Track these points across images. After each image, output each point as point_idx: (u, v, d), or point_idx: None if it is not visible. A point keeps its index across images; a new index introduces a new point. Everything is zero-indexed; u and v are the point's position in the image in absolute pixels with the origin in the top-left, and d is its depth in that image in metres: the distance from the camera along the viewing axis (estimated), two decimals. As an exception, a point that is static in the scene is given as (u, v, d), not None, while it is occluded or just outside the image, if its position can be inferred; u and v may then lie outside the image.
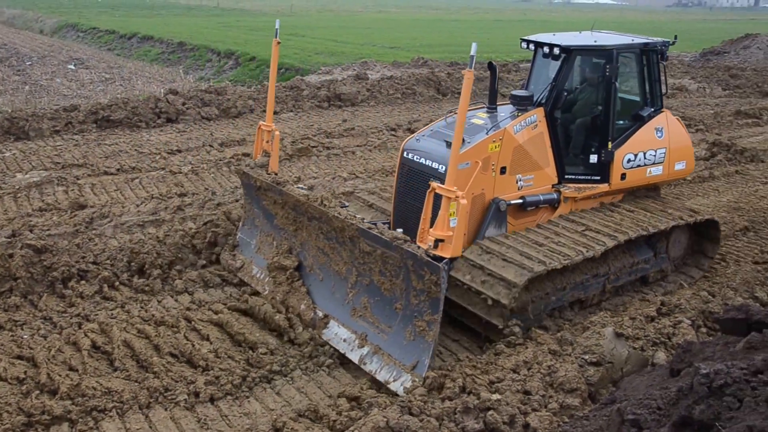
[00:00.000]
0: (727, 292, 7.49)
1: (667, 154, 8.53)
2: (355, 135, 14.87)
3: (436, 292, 5.84)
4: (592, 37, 8.33)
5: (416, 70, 23.89)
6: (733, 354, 4.71)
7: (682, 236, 8.47)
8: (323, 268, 7.16)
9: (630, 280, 7.96)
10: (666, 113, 8.64)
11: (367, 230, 6.42)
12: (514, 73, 25.30)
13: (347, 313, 6.74)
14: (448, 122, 7.68)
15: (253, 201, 8.22)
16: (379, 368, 6.18)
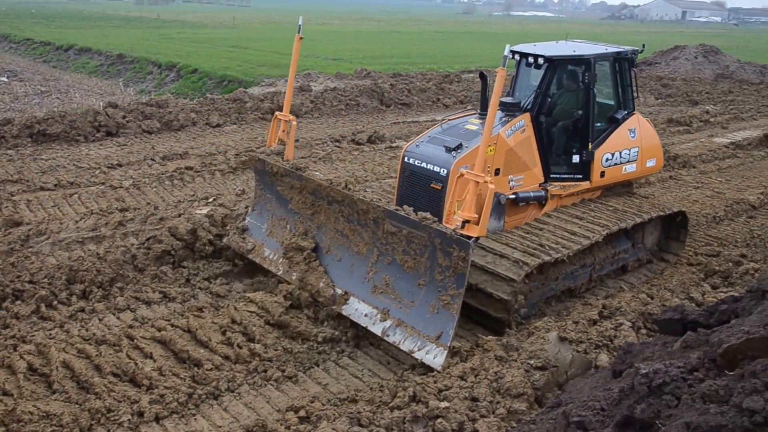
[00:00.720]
0: (665, 294, 7.75)
1: (640, 153, 9.36)
2: (299, 147, 14.82)
3: (463, 267, 6.21)
4: (570, 47, 8.99)
5: (359, 82, 23.98)
6: (671, 353, 4.86)
7: (655, 228, 9.26)
8: (342, 249, 7.48)
9: (612, 269, 8.69)
10: (637, 115, 9.45)
11: (395, 211, 6.82)
12: (456, 84, 25.64)
13: (368, 290, 7.05)
14: (444, 129, 8.32)
15: (265, 187, 8.53)
16: (403, 339, 6.52)
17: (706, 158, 15.73)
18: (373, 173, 12.93)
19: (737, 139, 17.95)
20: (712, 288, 8.17)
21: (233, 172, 12.60)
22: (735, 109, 23.66)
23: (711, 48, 38.89)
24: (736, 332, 4.37)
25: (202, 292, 7.91)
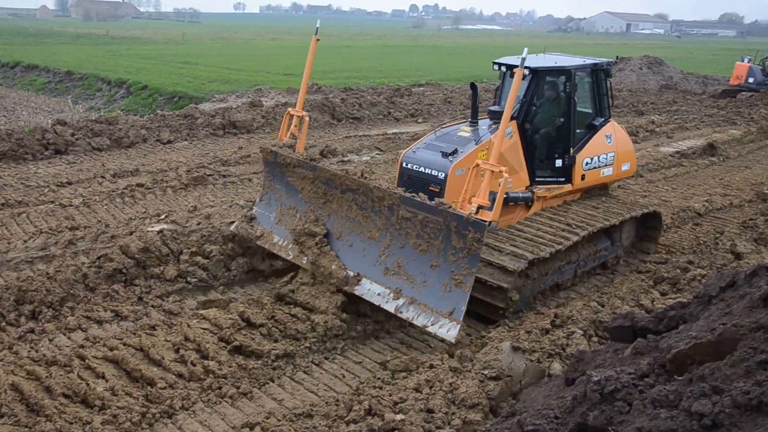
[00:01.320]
0: (615, 302, 7.90)
1: (616, 157, 10.04)
2: (251, 162, 14.75)
3: (477, 248, 6.68)
4: (551, 59, 9.60)
5: (310, 96, 23.95)
6: (622, 360, 4.96)
7: (632, 227, 9.91)
8: (353, 235, 7.87)
9: (594, 266, 9.26)
10: (612, 122, 10.11)
11: (411, 198, 7.22)
12: (407, 97, 25.85)
13: (380, 272, 7.45)
14: (438, 136, 8.90)
15: (275, 178, 8.89)
16: (416, 315, 6.92)
17: (653, 167, 16.13)
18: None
19: (682, 149, 18.46)
20: (661, 295, 8.35)
21: (185, 188, 12.46)
22: (679, 118, 24.34)
23: (655, 59, 40.00)
24: (685, 338, 4.47)
25: (154, 310, 7.79)
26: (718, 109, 27.37)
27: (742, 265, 8.86)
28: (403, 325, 7.61)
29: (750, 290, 4.63)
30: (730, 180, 15.49)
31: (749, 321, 4.07)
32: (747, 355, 3.80)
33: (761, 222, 10.80)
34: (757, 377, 3.60)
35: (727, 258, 9.50)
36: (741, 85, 32.05)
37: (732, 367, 3.82)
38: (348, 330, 7.26)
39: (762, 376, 3.57)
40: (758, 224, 10.74)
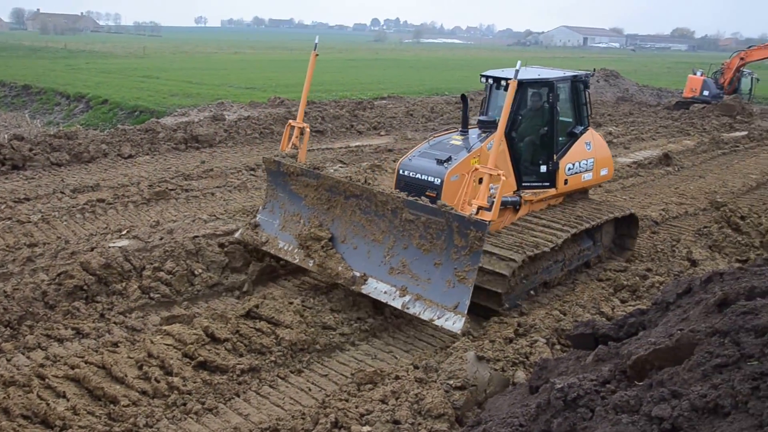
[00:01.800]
0: (577, 310, 8.02)
1: (595, 163, 10.63)
2: (213, 176, 14.66)
3: (478, 246, 7.15)
4: (533, 71, 10.06)
5: (273, 110, 23.94)
6: (584, 367, 5.04)
7: (610, 228, 10.58)
8: (358, 238, 8.30)
9: (578, 265, 9.85)
10: (591, 130, 10.68)
11: (414, 201, 7.70)
12: (369, 110, 25.96)
13: (385, 271, 7.90)
14: (431, 144, 9.40)
15: (278, 186, 9.37)
16: (422, 310, 7.37)
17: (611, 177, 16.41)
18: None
19: (639, 159, 18.84)
20: (621, 302, 8.50)
21: (147, 203, 12.32)
22: (636, 130, 24.85)
23: (612, 72, 40.82)
24: (644, 344, 4.57)
25: (117, 326, 7.68)
26: (672, 121, 28.04)
27: (698, 271, 9.07)
28: (368, 338, 7.64)
29: (705, 296, 4.76)
30: (685, 189, 15.86)
31: (705, 326, 4.18)
32: (703, 360, 3.90)
33: (715, 229, 11.06)
34: (713, 381, 3.70)
35: (684, 265, 9.71)
36: (695, 97, 32.85)
37: (689, 372, 3.91)
38: (313, 343, 7.25)
39: (718, 380, 3.68)
40: (712, 232, 11.00)
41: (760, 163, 19.81)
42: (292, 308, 7.63)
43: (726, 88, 33.10)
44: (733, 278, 4.88)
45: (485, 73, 10.04)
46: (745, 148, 22.76)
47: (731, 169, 18.74)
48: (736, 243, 10.64)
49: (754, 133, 25.74)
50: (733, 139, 23.94)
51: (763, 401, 3.34)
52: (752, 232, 10.93)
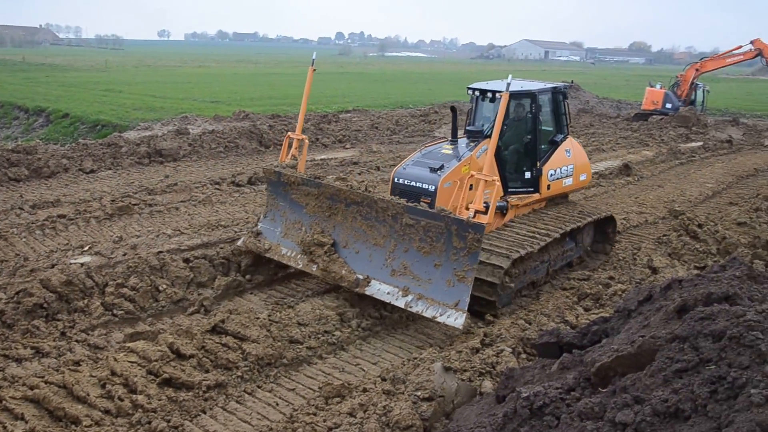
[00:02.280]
0: (542, 319, 8.11)
1: (575, 169, 11.19)
2: (178, 190, 14.53)
3: (476, 247, 7.63)
4: (516, 84, 10.34)
5: (238, 124, 23.83)
6: (550, 375, 5.10)
7: (591, 230, 11.17)
8: (359, 243, 8.74)
9: (562, 265, 10.39)
10: (570, 138, 11.24)
11: (414, 207, 8.21)
12: (334, 123, 26.00)
13: (387, 273, 8.35)
14: (423, 154, 9.87)
15: (278, 196, 9.74)
16: (425, 309, 7.85)
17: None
18: (254, 215, 12.82)
19: (600, 169, 19.14)
20: (585, 310, 8.61)
21: (110, 218, 12.16)
22: (596, 141, 25.26)
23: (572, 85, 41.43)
24: (607, 351, 4.65)
25: (78, 344, 7.54)
26: (631, 132, 28.56)
27: (659, 279, 9.25)
28: (335, 351, 7.63)
29: (665, 303, 4.86)
30: (645, 198, 16.16)
31: (665, 332, 4.27)
32: (664, 365, 3.98)
33: (674, 237, 11.29)
34: (673, 385, 3.78)
35: (645, 273, 9.89)
36: (657, 110, 33.47)
37: (651, 377, 3.99)
38: (280, 357, 7.21)
39: (678, 384, 3.76)
40: (671, 239, 11.22)
41: (715, 172, 20.28)
42: (259, 322, 7.59)
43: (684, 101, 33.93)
44: (692, 285, 4.99)
45: (472, 85, 10.55)
46: (701, 158, 23.29)
47: (688, 178, 19.14)
48: (695, 250, 10.87)
49: (709, 143, 26.39)
50: (689, 149, 24.49)
51: (721, 404, 3.43)
52: (709, 239, 11.18)
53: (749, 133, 30.84)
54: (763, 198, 15.68)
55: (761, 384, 3.40)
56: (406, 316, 8.54)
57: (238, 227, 11.78)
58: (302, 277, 9.79)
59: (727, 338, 3.80)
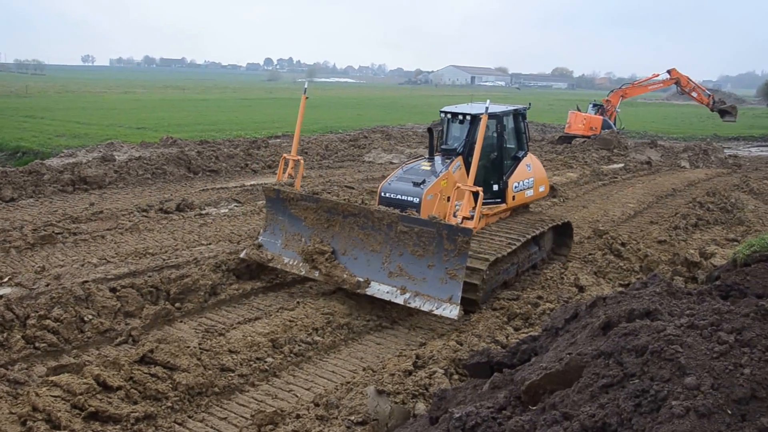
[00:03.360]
0: (473, 340, 8.20)
1: (534, 182, 12.53)
2: (104, 218, 14.15)
3: (465, 248, 8.75)
4: (482, 107, 11.02)
5: (165, 150, 23.43)
6: (481, 395, 5.16)
7: (550, 235, 12.31)
8: (357, 250, 9.69)
9: (528, 266, 11.50)
10: (530, 155, 12.64)
11: (408, 216, 9.24)
12: (264, 149, 25.88)
13: (384, 275, 9.33)
14: (405, 170, 10.91)
15: (277, 211, 10.62)
16: (422, 304, 8.89)
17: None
18: (183, 242, 12.60)
19: (527, 192, 19.55)
20: (515, 330, 8.77)
21: (31, 248, 11.73)
22: (523, 164, 25.81)
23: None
24: (536, 369, 4.74)
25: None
26: (556, 154, 29.41)
27: (585, 297, 9.51)
28: (267, 377, 7.53)
29: (591, 320, 4.99)
30: (570, 219, 16.55)
31: (591, 349, 4.38)
32: (591, 381, 4.09)
33: (599, 256, 11.64)
34: (600, 401, 3.88)
35: (572, 291, 10.15)
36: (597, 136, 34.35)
37: (579, 393, 4.09)
38: (212, 386, 7.07)
39: (604, 399, 3.86)
40: (597, 258, 11.57)
41: (636, 192, 21.04)
42: (189, 351, 7.43)
43: None
44: (615, 302, 5.15)
45: (444, 109, 11.86)
46: (623, 179, 24.14)
47: (611, 199, 19.78)
48: (619, 268, 11.24)
49: (629, 165, 27.41)
50: (611, 170, 25.37)
51: (645, 417, 3.54)
52: (632, 257, 11.58)
53: (666, 155, 32.18)
54: (681, 217, 16.37)
55: (681, 396, 3.53)
56: (337, 341, 8.51)
57: (166, 255, 11.55)
58: (233, 304, 9.67)
59: (649, 353, 3.93)
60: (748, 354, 3.75)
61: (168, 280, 9.68)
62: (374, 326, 9.08)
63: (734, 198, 19.21)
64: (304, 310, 9.23)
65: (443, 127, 11.88)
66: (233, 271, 10.52)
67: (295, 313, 9.06)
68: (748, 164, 31.57)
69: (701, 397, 3.51)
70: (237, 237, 13.11)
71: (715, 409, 3.44)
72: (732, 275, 5.63)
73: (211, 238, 12.96)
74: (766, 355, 3.70)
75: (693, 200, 19.03)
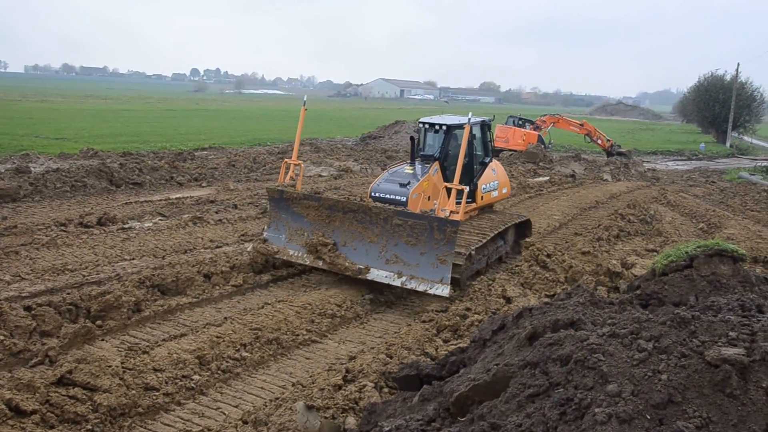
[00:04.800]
0: (402, 352, 8.20)
1: (499, 184, 14.35)
2: (18, 233, 13.54)
3: (453, 237, 10.34)
4: (455, 118, 13.39)
5: (86, 162, 22.72)
6: (411, 408, 5.16)
7: (513, 231, 14.01)
8: (356, 242, 11.13)
9: (496, 258, 13.13)
10: (494, 161, 14.45)
11: (402, 210, 10.86)
12: (190, 162, 25.42)
13: (382, 263, 10.83)
14: (390, 173, 12.63)
15: (281, 210, 11.92)
16: (417, 285, 10.48)
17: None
18: (104, 257, 12.19)
19: (455, 204, 19.81)
20: (444, 342, 8.81)
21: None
22: (452, 177, 26.17)
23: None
24: (465, 380, 4.77)
25: None
26: (484, 167, 29.87)
27: (512, 308, 9.64)
28: (194, 395, 7.33)
29: (517, 331, 5.07)
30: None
31: (518, 359, 4.44)
32: (518, 391, 4.14)
33: (525, 267, 11.86)
34: (527, 410, 3.93)
35: (500, 302, 10.28)
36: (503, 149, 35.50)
37: (506, 404, 4.13)
38: (135, 406, 6.84)
39: (531, 409, 3.91)
40: (523, 270, 11.78)
41: (561, 205, 21.56)
42: (111, 371, 7.16)
43: None
44: (541, 313, 5.25)
45: (421, 120, 13.53)
46: (549, 191, 24.74)
47: (537, 211, 20.20)
48: (545, 279, 11.47)
49: (555, 178, 28.13)
50: (537, 183, 25.98)
51: (569, 425, 3.60)
52: (557, 268, 11.84)
53: (590, 168, 33.19)
54: (603, 228, 16.88)
55: (604, 403, 3.61)
56: (265, 356, 8.37)
57: (86, 271, 11.15)
58: (158, 321, 9.40)
59: (573, 362, 4.01)
60: (665, 360, 3.87)
61: (88, 297, 9.33)
62: (303, 341, 8.98)
63: (653, 210, 19.98)
64: (232, 325, 9.06)
65: (420, 136, 13.37)
66: (158, 286, 10.25)
67: (222, 329, 8.89)
68: (666, 177, 32.88)
69: (622, 404, 3.59)
70: (162, 252, 12.77)
71: (635, 415, 3.53)
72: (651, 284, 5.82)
73: (134, 253, 12.58)
74: (681, 361, 3.83)
75: (615, 212, 19.65)
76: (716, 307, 4.64)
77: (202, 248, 13.25)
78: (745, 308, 4.52)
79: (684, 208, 21.94)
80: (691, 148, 54.20)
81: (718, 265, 5.60)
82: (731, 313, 4.45)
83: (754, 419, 3.49)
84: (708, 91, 69.21)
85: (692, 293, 5.47)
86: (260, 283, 11.25)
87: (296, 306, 9.99)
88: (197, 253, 12.82)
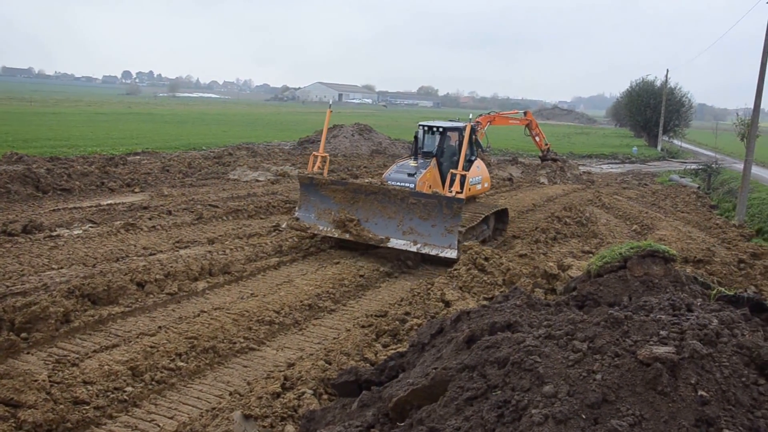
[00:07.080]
0: (342, 358, 8.14)
1: (482, 179, 17.20)
2: (-61, 243, 12.95)
3: (459, 211, 13.27)
4: (448, 123, 16.99)
5: (9, 167, 21.85)
6: (350, 414, 5.11)
7: (494, 218, 16.61)
8: (377, 218, 13.84)
9: (481, 240, 15.07)
10: (478, 159, 17.21)
11: (417, 192, 13.91)
12: (122, 167, 24.81)
13: (400, 234, 13.58)
14: (398, 167, 16.00)
15: (310, 193, 14.53)
16: (430, 250, 13.24)
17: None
18: (30, 266, 11.73)
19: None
20: (384, 347, 8.79)
21: None
22: (389, 181, 26.24)
23: (365, 127, 42.94)
24: (404, 385, 4.74)
25: None
26: (421, 171, 30.04)
27: (451, 311, 9.68)
28: (127, 408, 7.10)
29: (455, 334, 5.07)
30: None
31: (456, 363, 4.44)
32: (456, 394, 4.13)
33: (464, 271, 11.95)
34: (465, 413, 3.93)
35: (439, 306, 10.32)
36: None
37: (445, 407, 4.12)
38: (63, 422, 6.57)
39: (469, 412, 3.91)
40: (461, 273, 11.87)
41: (498, 208, 21.84)
42: (37, 385, 6.88)
43: None
44: (478, 315, 5.26)
45: (421, 123, 16.92)
46: (486, 195, 24.98)
47: (474, 214, 20.41)
48: (483, 282, 11.58)
49: (492, 181, 28.43)
50: (474, 187, 26.20)
51: (507, 427, 3.61)
52: (495, 271, 11.97)
53: (527, 172, 33.78)
54: (540, 231, 17.17)
55: (540, 404, 3.63)
56: (201, 366, 8.18)
57: (10, 281, 10.72)
58: (88, 332, 9.08)
59: (510, 364, 4.02)
60: (599, 360, 3.92)
61: (12, 309, 8.93)
62: (241, 348, 8.82)
63: (588, 212, 20.44)
64: (167, 334, 8.84)
65: (420, 136, 16.46)
66: (88, 296, 9.91)
67: (156, 339, 8.66)
68: (600, 180, 33.74)
69: (558, 404, 3.62)
70: (92, 260, 12.36)
71: (571, 415, 3.56)
72: (587, 286, 5.91)
73: (62, 262, 12.15)
74: (615, 361, 3.88)
75: (552, 215, 20.05)
76: (648, 307, 4.73)
77: (135, 256, 12.91)
78: (675, 307, 4.63)
79: (618, 210, 22.55)
80: (624, 151, 55.93)
81: (651, 265, 5.71)
82: (662, 312, 4.54)
83: (684, 415, 3.56)
84: (640, 96, 71.57)
85: (626, 293, 5.57)
86: (196, 290, 11.02)
87: (233, 313, 9.83)
88: (130, 260, 12.48)
